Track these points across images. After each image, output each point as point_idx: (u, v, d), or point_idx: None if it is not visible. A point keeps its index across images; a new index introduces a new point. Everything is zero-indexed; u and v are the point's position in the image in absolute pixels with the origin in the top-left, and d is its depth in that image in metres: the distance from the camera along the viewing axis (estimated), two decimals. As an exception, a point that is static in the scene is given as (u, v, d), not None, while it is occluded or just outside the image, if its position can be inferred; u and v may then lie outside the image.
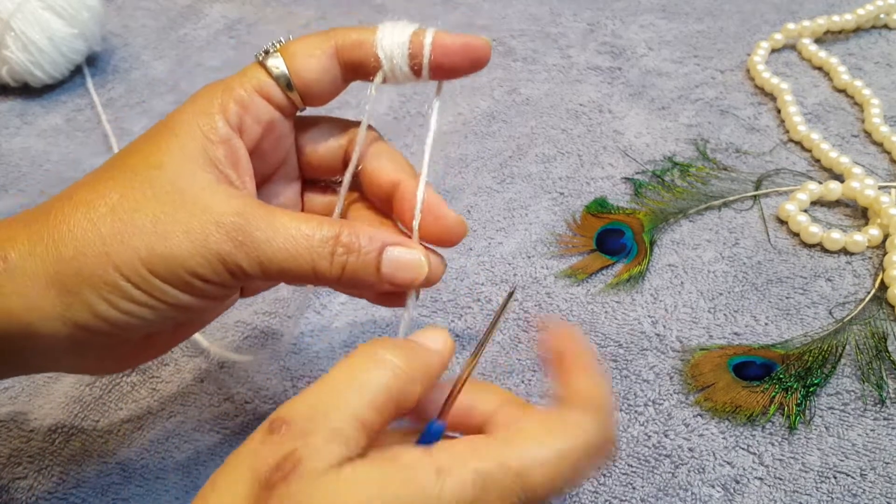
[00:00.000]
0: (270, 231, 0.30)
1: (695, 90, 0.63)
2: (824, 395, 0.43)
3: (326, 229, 0.31)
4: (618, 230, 0.52)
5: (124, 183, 0.30)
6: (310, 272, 0.30)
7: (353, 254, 0.31)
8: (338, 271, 0.31)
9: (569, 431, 0.27)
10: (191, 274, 0.30)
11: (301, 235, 0.30)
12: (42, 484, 0.40)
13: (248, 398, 0.44)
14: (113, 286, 0.29)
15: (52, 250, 0.29)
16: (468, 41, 0.33)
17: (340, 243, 0.31)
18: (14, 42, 0.62)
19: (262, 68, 0.33)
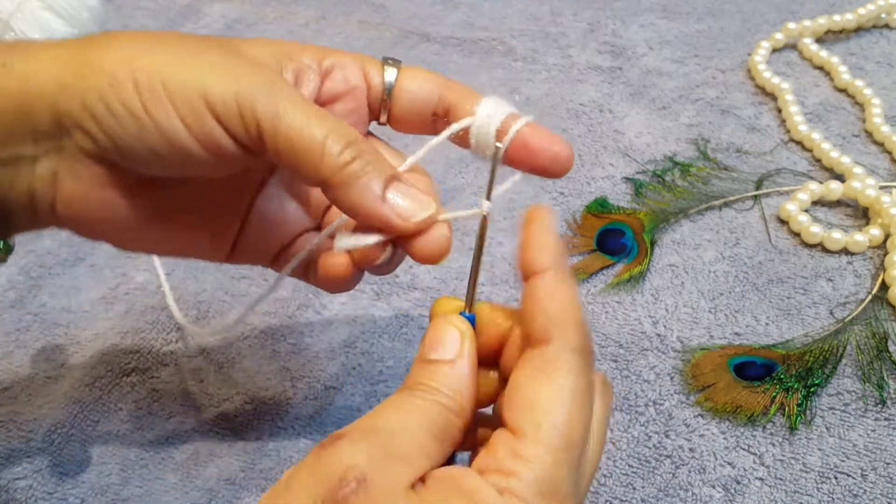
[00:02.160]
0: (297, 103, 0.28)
1: (695, 90, 0.63)
2: (825, 395, 0.43)
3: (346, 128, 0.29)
4: (618, 230, 0.52)
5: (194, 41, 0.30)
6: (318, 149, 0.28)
7: (368, 155, 0.29)
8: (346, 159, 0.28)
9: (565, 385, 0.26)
10: (202, 102, 0.28)
11: (325, 113, 0.29)
12: (41, 484, 0.40)
13: (248, 398, 0.43)
14: (116, 82, 0.28)
15: (80, 49, 0.29)
16: (552, 146, 0.31)
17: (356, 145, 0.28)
18: (14, 42, 0.62)
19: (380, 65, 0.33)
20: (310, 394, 0.44)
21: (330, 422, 0.42)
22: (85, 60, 0.28)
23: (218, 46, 0.30)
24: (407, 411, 0.26)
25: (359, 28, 0.71)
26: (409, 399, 0.27)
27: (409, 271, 0.50)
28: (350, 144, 0.28)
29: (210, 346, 0.46)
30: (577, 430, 0.25)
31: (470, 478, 0.25)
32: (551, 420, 0.25)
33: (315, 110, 0.29)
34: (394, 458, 0.24)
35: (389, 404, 0.27)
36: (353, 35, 0.71)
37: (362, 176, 0.28)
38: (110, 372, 0.45)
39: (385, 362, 0.45)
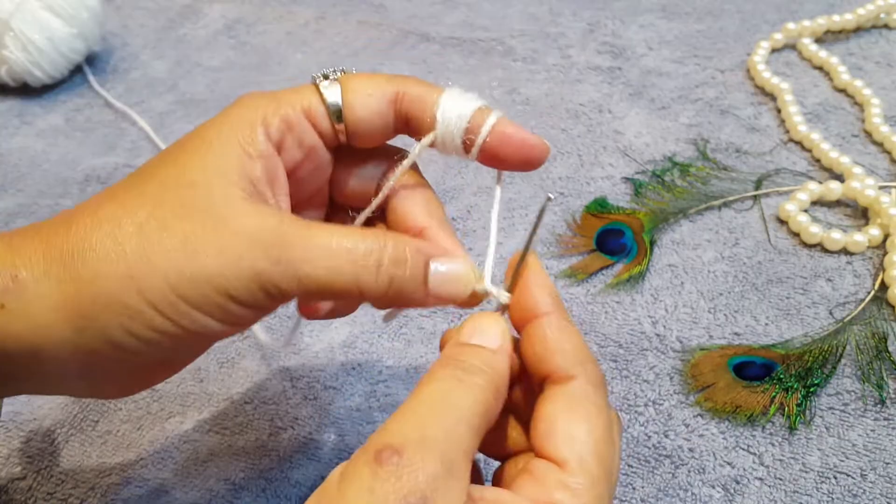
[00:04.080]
0: (309, 246, 0.28)
1: (695, 90, 0.63)
2: (824, 395, 0.43)
3: (370, 241, 0.29)
4: (618, 230, 0.52)
5: (154, 199, 0.28)
6: (354, 288, 0.28)
7: (400, 266, 0.29)
8: (384, 286, 0.29)
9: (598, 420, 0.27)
10: (224, 296, 0.27)
11: (342, 249, 0.28)
12: (41, 484, 0.40)
13: (247, 398, 0.43)
14: (135, 313, 0.27)
15: (70, 270, 0.27)
16: (527, 138, 0.31)
17: (387, 255, 0.29)
18: (13, 42, 0.62)
19: (317, 92, 0.31)
20: (310, 394, 0.44)
21: (330, 422, 0.42)
22: (87, 296, 0.27)
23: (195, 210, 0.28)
24: (453, 404, 0.26)
25: (358, 28, 0.71)
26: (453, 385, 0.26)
27: (408, 271, 0.50)
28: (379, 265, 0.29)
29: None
30: (613, 461, 0.27)
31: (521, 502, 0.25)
32: (593, 453, 0.26)
33: (330, 249, 0.28)
34: (450, 476, 0.24)
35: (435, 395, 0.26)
36: (352, 35, 0.71)
37: (403, 288, 0.29)
38: (110, 372, 0.45)
39: (385, 362, 0.45)
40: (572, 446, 0.26)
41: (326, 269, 0.28)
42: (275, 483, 0.40)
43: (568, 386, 0.28)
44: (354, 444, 0.41)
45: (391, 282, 0.29)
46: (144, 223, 0.28)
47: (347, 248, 0.28)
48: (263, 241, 0.28)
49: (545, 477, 0.26)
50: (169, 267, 0.27)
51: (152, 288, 0.27)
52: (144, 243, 0.27)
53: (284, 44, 0.71)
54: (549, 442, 0.27)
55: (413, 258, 0.29)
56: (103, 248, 0.27)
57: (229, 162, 0.29)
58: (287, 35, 0.72)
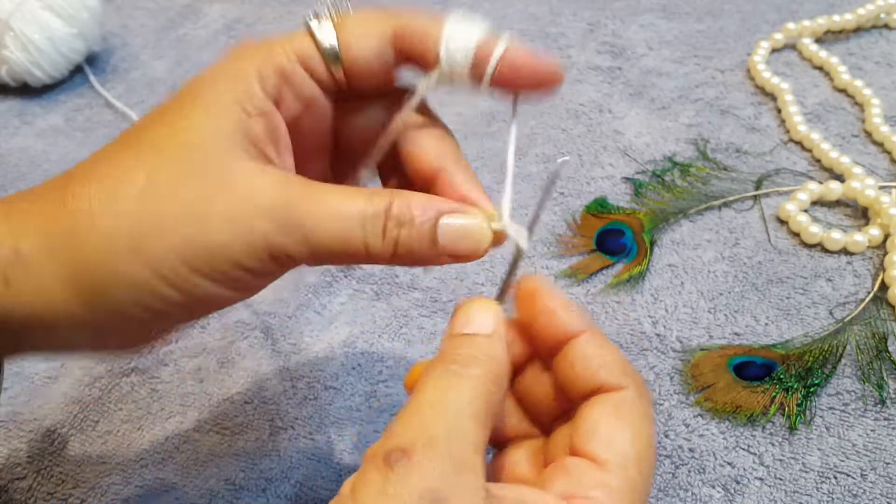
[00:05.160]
0: (317, 211, 0.27)
1: (695, 90, 0.63)
2: (825, 395, 0.43)
3: (377, 202, 0.28)
4: (618, 230, 0.52)
5: (151, 162, 0.27)
6: (362, 251, 0.28)
7: (406, 226, 0.28)
8: (390, 247, 0.28)
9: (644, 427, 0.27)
10: (235, 266, 0.27)
11: (351, 213, 0.27)
12: (41, 485, 0.40)
13: (248, 398, 0.43)
14: (144, 286, 0.26)
15: (73, 247, 0.26)
16: (538, 63, 0.30)
17: (391, 216, 0.28)
18: (13, 42, 0.62)
19: (310, 36, 0.29)
20: (310, 394, 0.44)
21: (330, 422, 0.42)
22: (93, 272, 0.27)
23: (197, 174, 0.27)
24: (454, 399, 0.25)
25: (358, 28, 0.71)
26: (451, 380, 0.26)
27: (409, 271, 0.50)
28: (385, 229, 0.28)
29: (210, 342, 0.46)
30: (651, 469, 0.27)
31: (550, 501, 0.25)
32: (635, 460, 0.26)
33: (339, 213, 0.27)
34: (462, 471, 0.24)
35: (434, 393, 0.26)
36: (352, 35, 0.71)
37: (413, 248, 0.28)
38: (110, 372, 0.45)
39: (385, 362, 0.45)
40: (615, 449, 0.26)
41: (335, 233, 0.27)
42: (275, 483, 0.40)
43: (618, 394, 0.27)
44: (354, 444, 0.41)
45: (397, 243, 0.28)
46: (145, 189, 0.27)
47: (356, 210, 0.27)
48: (272, 208, 0.27)
49: (582, 474, 0.26)
50: (176, 237, 0.26)
51: (160, 260, 0.26)
52: (148, 212, 0.26)
53: (284, 44, 0.71)
54: (591, 442, 0.26)
55: (420, 216, 0.28)
56: (104, 220, 0.26)
57: (227, 122, 0.28)
58: (287, 35, 0.71)
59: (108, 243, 0.26)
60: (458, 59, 0.29)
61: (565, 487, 0.25)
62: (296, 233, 0.27)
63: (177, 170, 0.27)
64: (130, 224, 0.26)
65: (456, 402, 0.25)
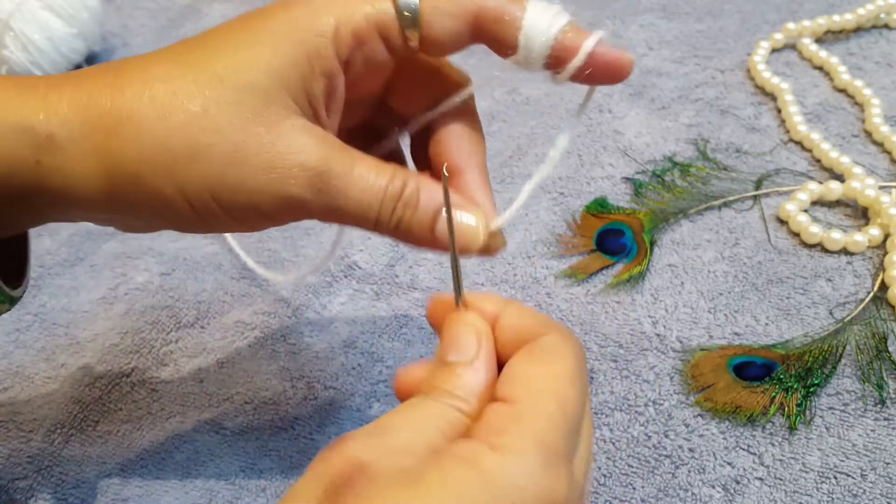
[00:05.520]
0: (349, 180, 0.29)
1: (695, 90, 0.63)
2: (824, 395, 0.43)
3: (398, 181, 0.29)
4: (618, 230, 0.52)
5: (209, 91, 0.28)
6: (372, 222, 0.30)
7: (410, 209, 0.30)
8: (394, 224, 0.30)
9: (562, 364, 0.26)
10: (254, 209, 0.28)
11: (376, 187, 0.29)
12: (41, 484, 0.40)
13: (247, 398, 0.43)
14: (169, 202, 0.28)
15: (111, 143, 0.27)
16: (618, 58, 0.30)
17: (402, 197, 0.29)
18: (13, 42, 0.62)
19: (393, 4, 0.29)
20: (310, 394, 0.44)
21: (330, 422, 0.42)
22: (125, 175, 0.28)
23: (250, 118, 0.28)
24: (419, 413, 0.26)
25: (358, 28, 0.71)
26: (424, 401, 0.26)
27: (408, 271, 0.50)
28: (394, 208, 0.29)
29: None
30: (572, 400, 0.25)
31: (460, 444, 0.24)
32: (546, 388, 0.25)
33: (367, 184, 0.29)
34: (397, 453, 0.24)
35: (404, 407, 0.26)
36: (352, 35, 0.71)
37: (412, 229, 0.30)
38: (110, 372, 0.45)
39: (385, 362, 0.45)
40: (527, 385, 0.25)
41: (357, 203, 0.29)
42: (275, 483, 0.40)
43: (537, 340, 0.27)
44: (354, 444, 0.41)
45: (400, 222, 0.30)
46: (197, 118, 0.27)
47: (380, 186, 0.29)
48: (309, 170, 0.28)
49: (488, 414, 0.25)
50: (212, 171, 0.28)
51: (190, 184, 0.28)
52: (193, 141, 0.27)
53: (284, 44, 0.71)
54: (504, 385, 0.26)
55: (425, 203, 0.30)
56: (150, 135, 0.27)
57: (293, 72, 0.28)
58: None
59: (147, 156, 0.27)
60: (536, 49, 0.30)
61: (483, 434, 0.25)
62: (323, 196, 0.29)
63: (232, 109, 0.28)
64: (174, 147, 0.27)
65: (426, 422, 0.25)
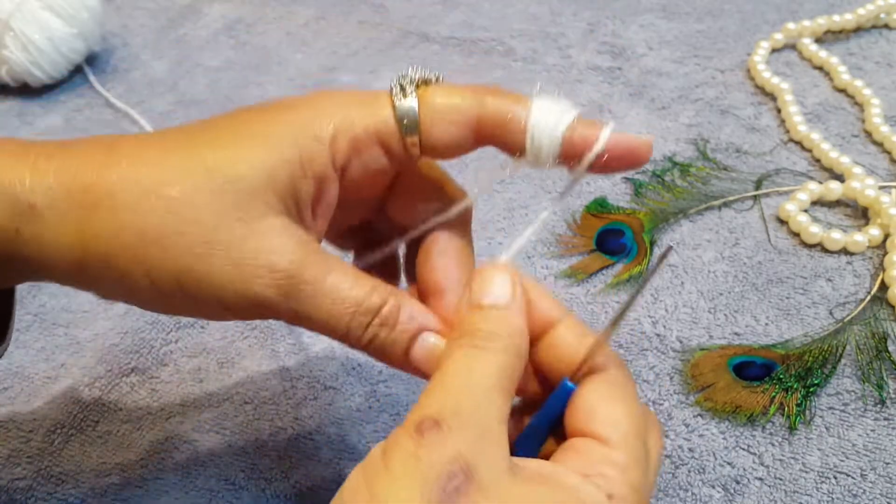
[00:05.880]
0: (321, 289, 0.28)
1: (695, 90, 0.63)
2: (824, 395, 0.43)
3: (374, 299, 0.29)
4: (618, 230, 0.52)
5: (193, 180, 0.28)
6: (340, 334, 0.29)
7: (386, 328, 0.29)
8: (366, 341, 0.29)
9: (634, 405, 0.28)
10: (218, 302, 0.28)
11: (349, 300, 0.28)
12: (41, 485, 0.40)
13: (247, 398, 0.43)
14: (135, 282, 0.28)
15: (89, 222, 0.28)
16: (634, 146, 0.29)
17: (379, 315, 0.29)
18: (13, 42, 0.62)
19: (392, 111, 0.29)
20: (310, 394, 0.44)
21: (330, 422, 0.42)
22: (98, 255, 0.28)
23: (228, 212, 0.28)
24: (478, 373, 0.26)
25: (358, 28, 0.71)
26: (475, 355, 0.27)
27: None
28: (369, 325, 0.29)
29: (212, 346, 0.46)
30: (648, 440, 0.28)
31: (571, 476, 0.26)
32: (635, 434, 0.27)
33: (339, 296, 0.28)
34: (488, 440, 0.25)
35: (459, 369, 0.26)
36: (352, 35, 0.71)
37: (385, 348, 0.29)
38: (110, 372, 0.45)
39: (385, 362, 0.45)
40: (615, 426, 0.27)
41: (326, 313, 0.28)
42: (275, 483, 0.40)
43: (605, 374, 0.28)
44: (354, 444, 0.41)
45: (374, 339, 0.29)
46: (173, 204, 0.27)
47: (354, 300, 0.28)
48: (278, 272, 0.28)
49: (590, 452, 0.27)
50: (181, 260, 0.27)
51: (157, 271, 0.28)
52: (166, 227, 0.27)
53: (284, 44, 0.71)
54: (593, 422, 0.27)
55: (403, 324, 0.29)
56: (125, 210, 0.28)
57: (283, 171, 0.28)
58: (287, 35, 0.71)
59: (119, 236, 0.28)
60: (545, 149, 0.29)
61: (578, 465, 0.26)
62: (290, 300, 0.28)
63: (211, 198, 0.28)
64: (146, 230, 0.27)
65: (481, 376, 0.26)
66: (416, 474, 0.24)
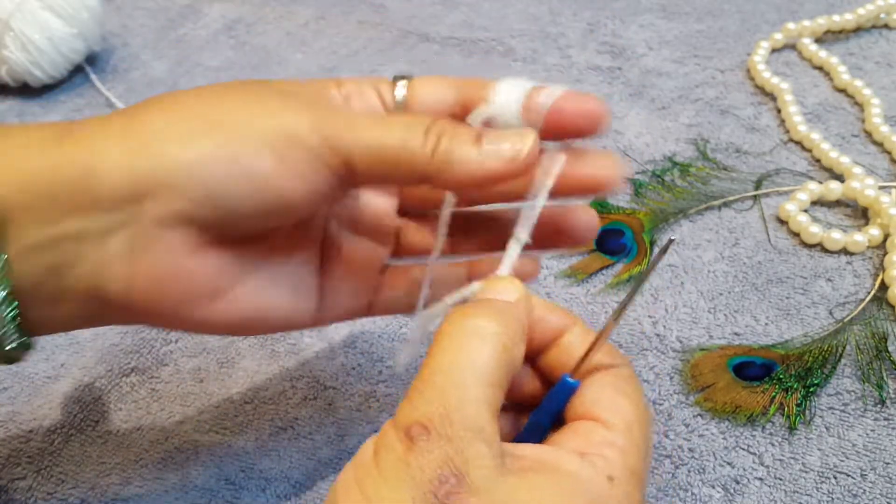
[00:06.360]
0: (368, 119, 0.29)
1: (695, 90, 0.63)
2: (824, 395, 0.43)
3: (419, 119, 0.29)
4: (618, 230, 0.52)
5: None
6: (402, 152, 0.28)
7: (449, 131, 0.28)
8: (431, 146, 0.28)
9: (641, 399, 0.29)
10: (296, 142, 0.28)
11: (391, 119, 0.29)
12: (41, 484, 0.40)
13: (247, 398, 0.43)
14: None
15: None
16: (586, 103, 0.30)
17: (436, 124, 0.29)
18: (13, 42, 0.62)
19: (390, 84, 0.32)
20: (310, 394, 0.44)
21: (330, 422, 0.42)
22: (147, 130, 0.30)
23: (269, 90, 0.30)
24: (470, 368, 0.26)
25: (358, 28, 0.71)
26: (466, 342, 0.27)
27: (408, 271, 0.50)
28: (428, 130, 0.28)
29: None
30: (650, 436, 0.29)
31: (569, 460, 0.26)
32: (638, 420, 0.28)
33: (383, 118, 0.29)
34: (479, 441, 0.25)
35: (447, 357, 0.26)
36: (352, 35, 0.71)
37: (455, 150, 0.28)
38: (110, 372, 0.45)
39: (385, 362, 0.45)
40: (619, 413, 0.28)
41: (373, 136, 0.28)
42: (275, 483, 0.40)
43: (615, 370, 0.29)
44: (354, 444, 0.41)
45: (438, 142, 0.28)
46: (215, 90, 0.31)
47: (395, 119, 0.29)
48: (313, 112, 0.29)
49: (591, 433, 0.27)
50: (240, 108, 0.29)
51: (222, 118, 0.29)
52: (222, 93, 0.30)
53: (284, 44, 0.71)
54: (596, 407, 0.28)
55: (461, 128, 0.29)
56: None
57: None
58: (287, 35, 0.71)
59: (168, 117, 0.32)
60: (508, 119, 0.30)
61: (578, 444, 0.27)
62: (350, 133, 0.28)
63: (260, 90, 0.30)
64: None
65: (472, 367, 0.26)
66: (406, 479, 0.24)
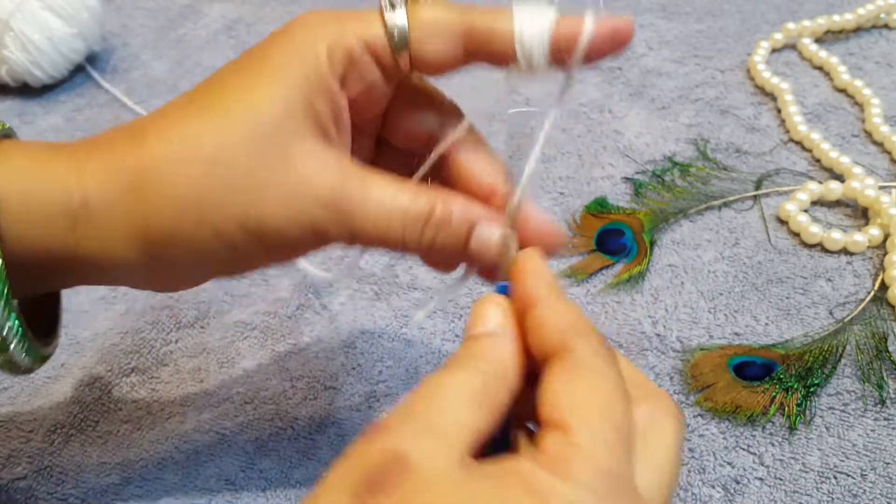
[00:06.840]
0: (367, 204, 0.29)
1: (695, 90, 0.63)
2: (824, 395, 0.43)
3: (422, 202, 0.30)
4: (618, 230, 0.52)
5: (220, 129, 0.29)
6: (398, 243, 0.30)
7: (444, 229, 0.30)
8: (426, 245, 0.30)
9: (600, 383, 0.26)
10: (280, 239, 0.29)
11: (397, 208, 0.30)
12: (41, 484, 0.40)
13: (247, 398, 0.43)
14: (203, 245, 0.29)
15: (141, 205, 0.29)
16: (618, 27, 0.29)
17: (434, 218, 0.30)
18: (13, 42, 0.62)
19: (382, 24, 0.30)
20: (310, 394, 0.44)
21: (330, 422, 0.42)
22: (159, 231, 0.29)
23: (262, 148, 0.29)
24: (445, 384, 0.25)
25: (358, 28, 0.71)
26: (448, 371, 0.26)
27: (409, 271, 0.50)
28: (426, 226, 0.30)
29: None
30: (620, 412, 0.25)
31: (524, 463, 0.24)
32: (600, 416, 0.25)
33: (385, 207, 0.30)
34: (433, 434, 0.24)
35: (429, 380, 0.26)
36: (352, 35, 0.71)
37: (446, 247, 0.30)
38: (110, 372, 0.45)
39: (385, 362, 0.45)
40: (573, 410, 0.25)
41: (379, 226, 0.30)
42: (275, 483, 0.40)
43: (568, 355, 0.26)
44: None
45: (433, 242, 0.30)
46: (212, 157, 0.28)
47: (401, 207, 0.30)
48: (325, 199, 0.29)
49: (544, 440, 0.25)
50: (237, 208, 0.29)
51: (221, 224, 0.29)
52: (213, 182, 0.29)
53: (284, 44, 0.71)
54: (555, 409, 0.25)
55: (458, 219, 0.30)
56: (174, 188, 0.29)
57: (296, 94, 0.29)
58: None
59: (175, 209, 0.29)
60: (536, 52, 0.29)
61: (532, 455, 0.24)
62: (343, 221, 0.29)
63: (243, 138, 0.29)
64: (198, 193, 0.29)
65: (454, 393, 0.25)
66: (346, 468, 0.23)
